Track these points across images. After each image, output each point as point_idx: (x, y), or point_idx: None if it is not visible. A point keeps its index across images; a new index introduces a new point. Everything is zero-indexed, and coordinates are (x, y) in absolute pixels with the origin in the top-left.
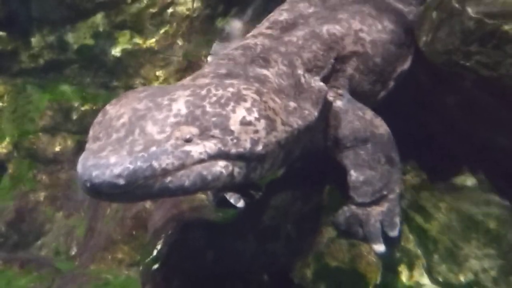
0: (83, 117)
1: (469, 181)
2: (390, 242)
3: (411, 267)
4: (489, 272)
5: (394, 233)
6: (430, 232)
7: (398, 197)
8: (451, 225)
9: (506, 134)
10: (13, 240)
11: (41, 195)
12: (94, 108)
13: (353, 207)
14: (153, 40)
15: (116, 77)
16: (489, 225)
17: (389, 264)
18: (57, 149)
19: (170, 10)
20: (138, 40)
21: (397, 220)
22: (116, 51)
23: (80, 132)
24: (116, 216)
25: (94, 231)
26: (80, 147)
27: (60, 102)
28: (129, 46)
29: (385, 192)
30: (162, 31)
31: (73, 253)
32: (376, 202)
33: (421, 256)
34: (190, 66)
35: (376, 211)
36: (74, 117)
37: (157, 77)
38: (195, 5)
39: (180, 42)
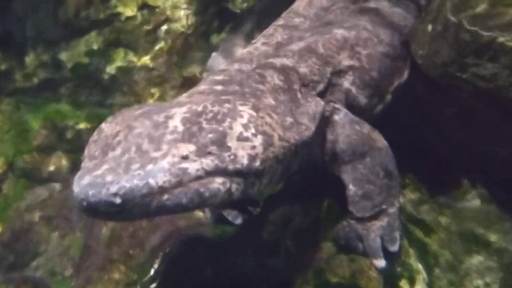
0: (78, 136)
1: (469, 193)
2: (390, 256)
3: (412, 282)
4: (491, 286)
5: (394, 247)
6: (431, 246)
7: (398, 211)
8: (452, 238)
9: (504, 145)
10: (9, 260)
11: (36, 215)
12: (89, 126)
13: (353, 221)
14: (148, 57)
15: (111, 95)
16: (489, 238)
17: (390, 279)
18: (52, 168)
19: (164, 27)
20: (132, 57)
21: (397, 234)
22: (111, 69)
23: (75, 151)
24: (112, 235)
25: (90, 251)
26: (75, 166)
27: (54, 121)
28: (123, 64)
29: (384, 206)
30: (156, 48)
31: (69, 273)
32: (375, 216)
33: (422, 271)
34: (185, 83)
35: (376, 225)
36: (69, 136)
37: (152, 95)
38: (189, 21)
39: (175, 59)
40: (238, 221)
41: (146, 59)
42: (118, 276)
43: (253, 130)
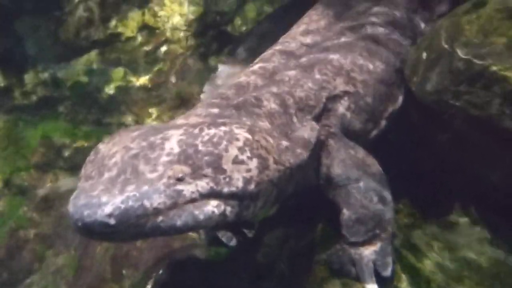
0: (75, 154)
1: (462, 218)
2: (382, 281)
3: None
4: None
5: (386, 272)
6: (423, 271)
7: (391, 236)
8: (444, 264)
9: (497, 171)
10: (3, 278)
11: (31, 233)
12: (86, 145)
13: (346, 246)
14: (147, 77)
15: (109, 114)
16: (481, 263)
17: None
18: (48, 186)
19: (164, 48)
20: (131, 77)
21: (390, 259)
22: (109, 88)
23: (72, 169)
24: (106, 254)
25: (84, 270)
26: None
27: (52, 139)
28: (122, 83)
29: (377, 231)
30: (155, 68)
31: None
32: (368, 241)
33: None
34: (183, 103)
35: (369, 250)
36: (66, 154)
37: (150, 114)
38: (188, 43)
39: (173, 79)
40: (233, 243)
41: (145, 79)
42: None
43: (248, 153)
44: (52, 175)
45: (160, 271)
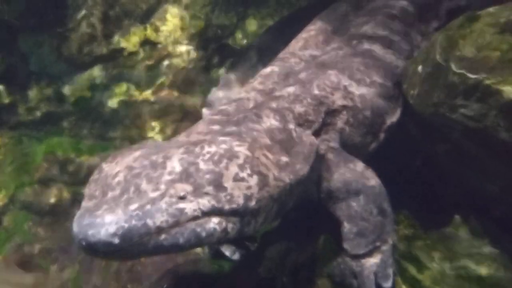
0: (79, 169)
1: (461, 229)
2: None
3: None
4: None
5: (387, 284)
6: (424, 282)
7: (391, 248)
8: (444, 274)
9: (495, 182)
10: None
11: (36, 248)
12: (90, 159)
13: (347, 258)
14: (149, 91)
15: (112, 128)
16: (481, 273)
17: None
18: (53, 201)
19: (166, 62)
20: (134, 91)
21: (391, 271)
22: (113, 103)
23: (76, 183)
24: (110, 269)
25: (88, 285)
26: (75, 199)
27: (56, 154)
28: (125, 98)
29: (378, 244)
30: (158, 82)
31: None
32: (369, 253)
33: None
34: (186, 116)
35: (370, 262)
36: (70, 169)
37: (153, 128)
38: (190, 57)
39: (176, 93)
40: (236, 256)
41: (147, 93)
42: None
43: (248, 171)
44: (56, 190)
45: (164, 286)
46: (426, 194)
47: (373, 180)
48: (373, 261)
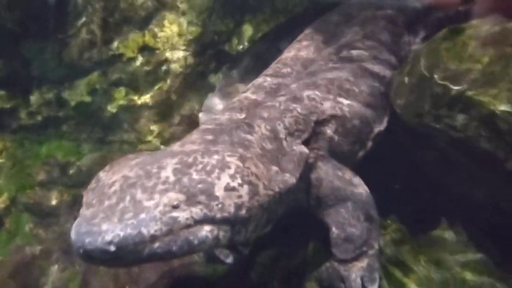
0: (79, 172)
1: (447, 233)
2: None
3: None
4: None
5: (374, 287)
6: (409, 286)
7: (377, 252)
8: (430, 277)
9: (481, 189)
10: None
11: (37, 249)
12: (90, 163)
13: (335, 263)
14: (148, 96)
15: (112, 132)
16: (465, 277)
17: None
18: (54, 203)
19: (164, 68)
20: (133, 96)
21: (377, 275)
22: (112, 107)
23: (76, 186)
24: (109, 270)
25: (88, 286)
26: (76, 201)
27: (57, 157)
28: (124, 102)
29: (365, 249)
30: (156, 87)
31: None
32: (356, 258)
33: None
34: (183, 120)
35: (357, 267)
36: (71, 171)
37: (152, 132)
38: (188, 62)
39: (173, 97)
40: (229, 260)
41: (146, 98)
42: None
43: (239, 181)
44: (57, 192)
45: None
46: (414, 199)
47: (361, 188)
48: (360, 265)
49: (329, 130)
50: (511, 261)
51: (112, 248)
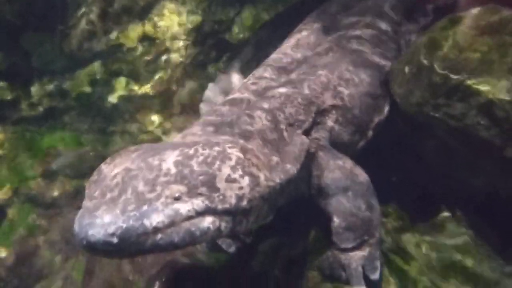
0: (81, 162)
1: (448, 221)
2: (371, 284)
3: None
4: None
5: (375, 276)
6: (410, 273)
7: (378, 241)
8: (431, 264)
9: (480, 177)
10: (13, 284)
11: (40, 240)
12: (91, 153)
13: (336, 252)
14: (148, 86)
15: (113, 123)
16: (466, 263)
17: None
18: (56, 193)
19: (164, 57)
20: (134, 86)
21: (378, 263)
22: (112, 98)
23: (78, 177)
24: (113, 260)
25: (92, 275)
26: (78, 192)
27: (58, 148)
28: (125, 93)
29: (366, 237)
30: (156, 77)
31: None
32: (357, 247)
33: None
34: (184, 110)
35: (358, 255)
36: (72, 162)
37: (153, 122)
38: (188, 52)
39: (174, 87)
40: (232, 249)
41: (146, 88)
42: None
43: (240, 172)
44: (59, 183)
45: (163, 279)
46: (414, 188)
47: (362, 177)
48: (361, 254)
49: (329, 120)
50: (511, 248)
51: (115, 239)
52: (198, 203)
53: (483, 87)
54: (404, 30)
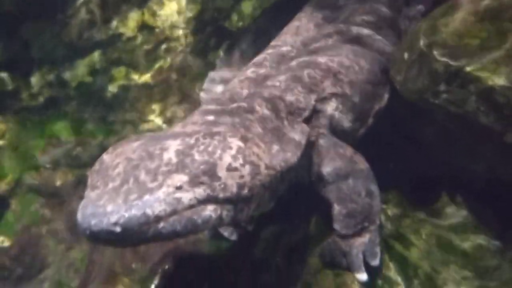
0: (82, 152)
1: (448, 207)
2: (372, 270)
3: None
4: None
5: (375, 262)
6: (410, 259)
7: (378, 228)
8: (431, 250)
9: (480, 163)
10: (17, 273)
11: (43, 229)
12: (92, 143)
13: (337, 239)
14: (148, 75)
15: (113, 112)
16: (466, 249)
17: None
18: (58, 183)
19: (164, 46)
20: (134, 75)
21: (378, 249)
22: (113, 87)
23: (80, 166)
24: (115, 249)
25: (95, 264)
26: (80, 181)
27: (59, 138)
28: (125, 82)
29: (366, 224)
30: (156, 66)
31: (75, 284)
32: (358, 233)
33: (401, 283)
34: (184, 98)
35: (358, 242)
36: (74, 152)
37: (153, 111)
38: (188, 40)
39: (174, 76)
40: (234, 237)
41: (146, 77)
42: None
43: (241, 161)
44: (61, 173)
45: (166, 267)
46: (414, 174)
47: (362, 164)
48: (361, 240)
49: (329, 108)
50: (511, 233)
51: (118, 229)
52: (200, 192)
53: (483, 73)
54: (404, 17)
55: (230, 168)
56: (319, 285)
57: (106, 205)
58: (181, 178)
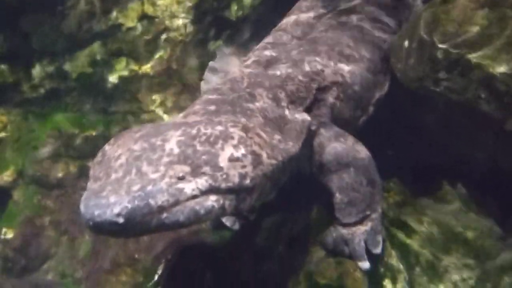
0: (83, 143)
1: (449, 194)
2: (374, 258)
3: (394, 281)
4: (468, 281)
5: (377, 250)
6: (412, 247)
7: (380, 216)
8: (433, 238)
9: (481, 150)
10: (21, 264)
11: (46, 220)
12: (94, 133)
13: (339, 227)
14: (149, 65)
15: (114, 103)
16: (467, 236)
17: (374, 279)
18: (60, 174)
19: (163, 36)
20: (134, 66)
21: (380, 237)
22: (113, 78)
23: (82, 157)
24: (119, 240)
25: (98, 254)
26: (82, 172)
27: (61, 129)
28: (125, 73)
29: (368, 212)
30: (157, 56)
31: (79, 275)
32: (360, 221)
33: (403, 270)
34: (185, 88)
35: (360, 230)
36: (75, 143)
37: (154, 101)
38: (187, 30)
39: (174, 66)
40: (236, 226)
41: (147, 67)
42: (125, 278)
43: (243, 151)
44: (63, 164)
45: (169, 257)
46: (415, 162)
47: (363, 153)
48: (363, 229)
49: (330, 97)
50: (511, 220)
51: (121, 220)
52: (202, 182)
53: (483, 61)
54: (404, 5)
55: (232, 158)
56: (321, 273)
57: (109, 196)
58: (183, 169)
